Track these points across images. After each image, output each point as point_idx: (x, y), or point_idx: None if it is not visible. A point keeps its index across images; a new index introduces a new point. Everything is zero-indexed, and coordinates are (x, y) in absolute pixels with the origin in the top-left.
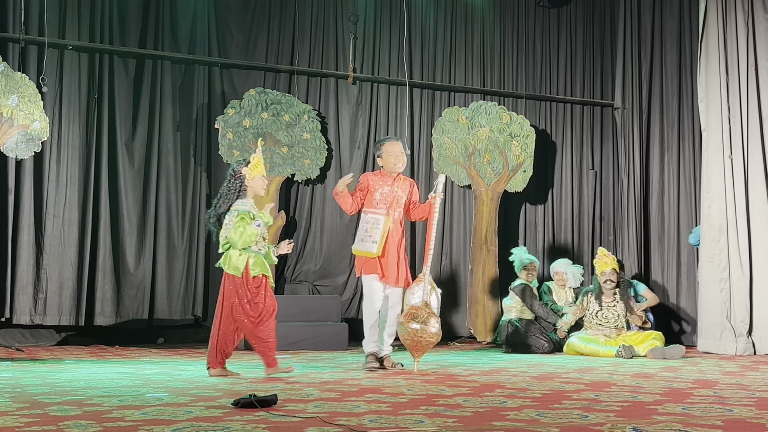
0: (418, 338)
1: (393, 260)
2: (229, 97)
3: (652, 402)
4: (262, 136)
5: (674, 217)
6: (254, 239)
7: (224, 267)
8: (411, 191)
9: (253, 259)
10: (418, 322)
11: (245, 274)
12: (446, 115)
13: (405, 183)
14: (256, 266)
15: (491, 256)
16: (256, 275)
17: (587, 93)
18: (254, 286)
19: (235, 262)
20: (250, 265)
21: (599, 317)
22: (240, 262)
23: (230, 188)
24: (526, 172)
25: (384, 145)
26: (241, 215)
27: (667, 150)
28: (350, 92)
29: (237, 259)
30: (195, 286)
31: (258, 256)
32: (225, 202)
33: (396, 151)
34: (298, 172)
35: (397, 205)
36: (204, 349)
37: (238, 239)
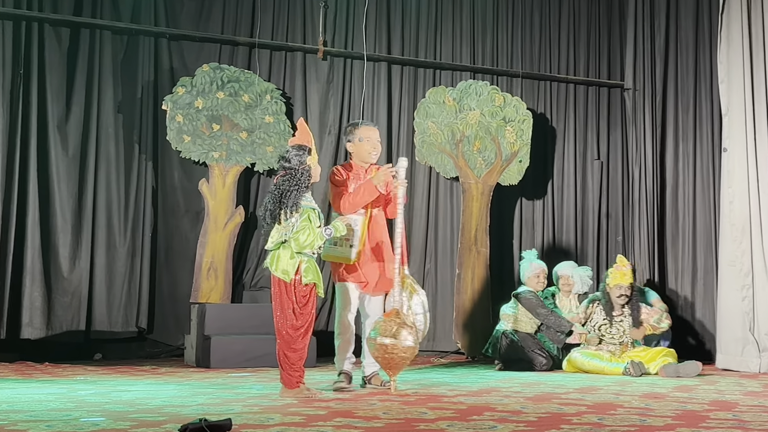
0: (390, 355)
1: (376, 265)
2: (179, 74)
3: (662, 426)
4: (217, 119)
5: (690, 214)
6: (316, 246)
7: (272, 269)
8: (388, 185)
9: (305, 264)
10: (388, 335)
11: (296, 280)
12: (430, 96)
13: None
14: (308, 272)
15: (481, 259)
16: (308, 283)
17: (592, 72)
18: (302, 295)
19: (285, 265)
20: (302, 270)
21: (603, 331)
22: (291, 265)
23: (297, 183)
24: (522, 163)
25: (359, 130)
26: (307, 212)
27: (682, 138)
28: (320, 69)
29: (288, 261)
30: (139, 293)
31: (311, 261)
32: (294, 198)
33: (373, 137)
34: (258, 161)
35: (375, 201)
36: (149, 366)
37: (304, 242)
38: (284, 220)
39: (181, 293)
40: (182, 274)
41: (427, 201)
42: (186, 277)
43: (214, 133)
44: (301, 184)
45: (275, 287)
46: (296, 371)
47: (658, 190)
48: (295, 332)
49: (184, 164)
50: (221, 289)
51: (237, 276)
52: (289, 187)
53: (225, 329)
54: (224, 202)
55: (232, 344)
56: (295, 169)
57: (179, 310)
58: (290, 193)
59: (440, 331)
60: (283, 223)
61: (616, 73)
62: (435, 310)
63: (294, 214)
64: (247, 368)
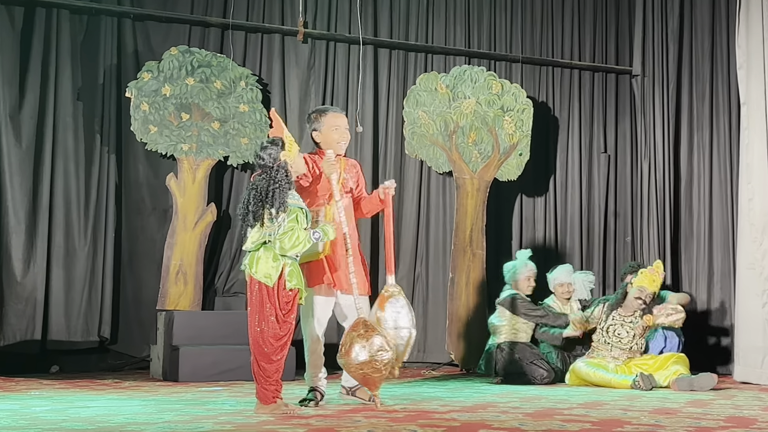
0: (364, 371)
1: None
2: (145, 58)
3: None
4: (187, 108)
5: (706, 212)
6: (302, 250)
7: (252, 272)
8: (359, 176)
9: (289, 267)
10: (357, 351)
11: (278, 284)
12: (421, 83)
13: (348, 165)
14: (292, 277)
15: (477, 262)
16: (292, 288)
17: (599, 56)
18: (285, 301)
19: (267, 268)
20: (286, 274)
21: (610, 333)
22: (274, 269)
23: (276, 181)
24: (521, 156)
25: (326, 117)
26: (295, 212)
27: (697, 128)
28: (300, 53)
29: (270, 264)
30: (101, 299)
31: (295, 265)
32: (280, 197)
33: (341, 125)
34: (232, 154)
35: (344, 192)
36: (112, 380)
37: (292, 244)
38: (268, 220)
39: (146, 299)
40: (148, 278)
41: (418, 198)
42: (152, 282)
43: (183, 123)
44: (282, 182)
45: (254, 292)
46: (272, 385)
47: (671, 186)
48: (276, 342)
49: (150, 157)
50: (191, 295)
51: (208, 280)
52: (268, 186)
53: (195, 339)
54: (194, 199)
55: (202, 355)
56: (270, 166)
57: (144, 317)
58: (273, 191)
59: (432, 341)
60: (267, 223)
61: (625, 57)
62: (426, 318)
63: (281, 213)
64: (219, 382)
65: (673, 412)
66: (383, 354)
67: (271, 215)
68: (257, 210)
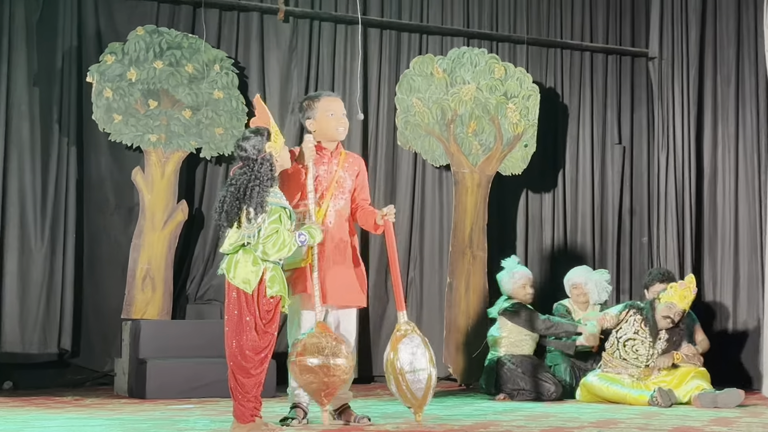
0: (330, 379)
1: (338, 271)
2: (108, 39)
3: None
4: (155, 94)
5: (731, 210)
6: (288, 254)
7: (229, 277)
8: (359, 175)
9: (271, 272)
10: (329, 354)
11: (258, 291)
12: (416, 67)
13: (349, 161)
14: (274, 282)
15: (478, 265)
16: (274, 295)
17: (612, 37)
18: (266, 309)
19: (246, 272)
20: (267, 279)
21: (627, 348)
22: (253, 273)
23: (258, 176)
24: (527, 148)
25: (320, 103)
26: (277, 211)
27: (721, 117)
28: (280, 33)
29: (249, 269)
30: (62, 307)
31: (277, 269)
32: (258, 195)
33: (337, 110)
34: (206, 146)
35: (339, 192)
36: (71, 397)
37: (275, 249)
38: (246, 221)
39: (109, 308)
40: (111, 284)
41: (412, 194)
42: (116, 288)
43: (151, 111)
44: (263, 177)
45: (231, 300)
46: (251, 402)
47: (692, 180)
48: (256, 355)
49: (114, 149)
50: (159, 303)
51: (179, 286)
52: (248, 182)
53: (164, 351)
54: (163, 196)
55: (172, 370)
56: (253, 159)
57: (107, 328)
58: (251, 188)
59: None
60: (245, 224)
61: (641, 38)
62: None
63: (260, 214)
64: (191, 398)
65: (695, 431)
66: (330, 360)
67: (248, 215)
68: (232, 209)
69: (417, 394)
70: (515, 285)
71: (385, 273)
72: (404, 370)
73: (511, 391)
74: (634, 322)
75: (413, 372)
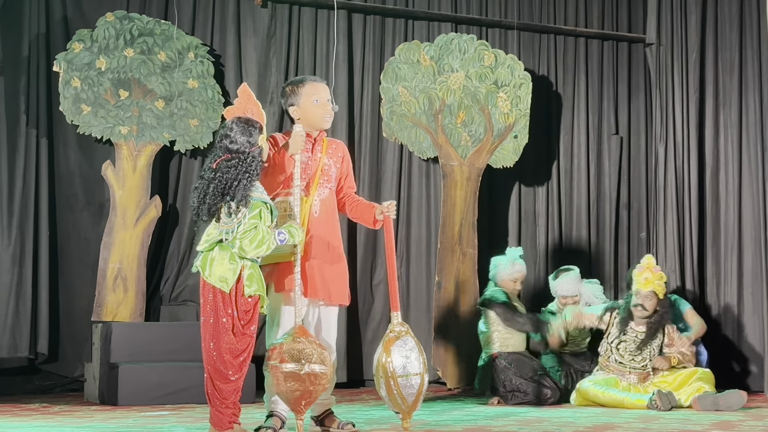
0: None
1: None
2: (76, 26)
3: None
4: (126, 84)
5: (734, 203)
6: (267, 253)
7: (205, 275)
8: (343, 161)
9: (249, 270)
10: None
11: (236, 290)
12: (401, 54)
13: (333, 147)
14: (252, 281)
15: (468, 263)
16: (252, 295)
17: (608, 23)
18: (244, 310)
19: (222, 270)
20: (245, 278)
21: (621, 351)
22: (231, 272)
23: (247, 171)
24: (518, 139)
25: (305, 89)
26: (258, 206)
27: (723, 105)
28: (258, 19)
29: (226, 266)
30: (36, 309)
31: (255, 267)
32: (243, 189)
33: (322, 96)
34: (180, 138)
35: (324, 180)
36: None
37: (254, 246)
38: (226, 215)
39: (79, 309)
40: (82, 284)
41: (398, 189)
42: (86, 289)
43: (122, 101)
44: (252, 172)
45: (208, 300)
46: (229, 408)
47: (694, 172)
48: (234, 359)
49: (82, 142)
50: (132, 304)
51: (152, 287)
52: (237, 175)
53: (137, 355)
54: (135, 192)
55: (145, 374)
56: (243, 152)
57: (77, 331)
58: (237, 182)
59: None
60: (224, 219)
61: (638, 24)
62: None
63: (242, 208)
64: (165, 405)
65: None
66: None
67: (230, 209)
68: (215, 203)
69: (408, 399)
70: (510, 276)
71: (371, 271)
72: (396, 374)
73: (505, 393)
74: (617, 324)
75: (406, 377)
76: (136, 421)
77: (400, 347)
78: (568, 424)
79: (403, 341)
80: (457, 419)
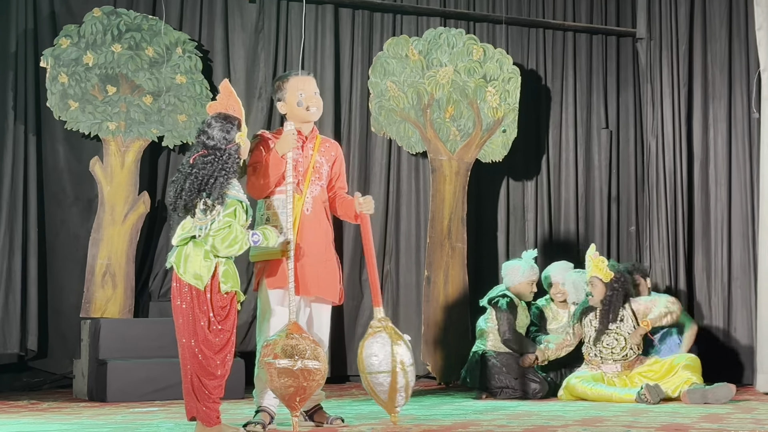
0: (309, 383)
1: (315, 263)
2: (63, 21)
3: None
4: (114, 80)
5: (724, 197)
6: (239, 252)
7: (179, 272)
8: (336, 161)
9: (224, 266)
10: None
11: (211, 287)
12: (390, 49)
13: (326, 146)
14: (228, 277)
15: (457, 257)
16: (228, 291)
17: (597, 17)
18: (220, 306)
19: (197, 266)
20: (220, 274)
21: (600, 346)
22: (205, 268)
23: (224, 168)
24: (507, 133)
25: (290, 83)
26: (233, 205)
27: (712, 99)
28: (246, 14)
29: (201, 263)
30: (25, 304)
31: (230, 263)
32: (220, 186)
33: (308, 89)
34: (168, 134)
35: (315, 177)
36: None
37: (226, 246)
38: (201, 212)
39: (68, 306)
40: (70, 280)
41: (386, 183)
42: (74, 285)
43: (109, 97)
44: (229, 169)
45: (183, 295)
46: (216, 403)
47: (683, 166)
48: (216, 354)
49: (70, 138)
50: (120, 300)
51: (141, 283)
52: (213, 172)
53: (125, 352)
54: (123, 187)
55: (134, 371)
56: (220, 148)
57: (65, 327)
58: (214, 180)
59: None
60: (199, 215)
61: (627, 17)
62: (397, 323)
63: (217, 205)
64: (154, 401)
65: (683, 428)
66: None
67: (205, 205)
68: (191, 198)
69: (381, 396)
70: (527, 279)
71: (360, 267)
72: (368, 371)
73: (495, 389)
74: (589, 321)
75: (375, 374)
76: (124, 417)
77: (371, 344)
78: (557, 418)
79: (374, 338)
80: (447, 413)
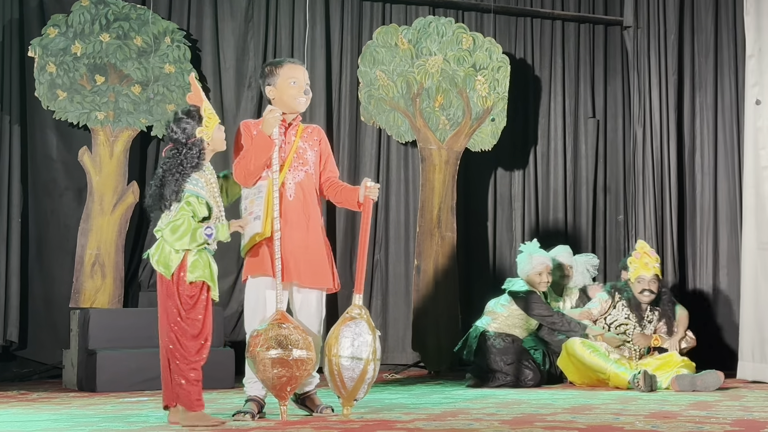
0: (299, 373)
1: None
2: (51, 11)
3: None
4: (102, 69)
5: (710, 185)
6: (192, 246)
7: (153, 261)
8: (321, 143)
9: (193, 256)
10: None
11: (177, 276)
12: (379, 38)
13: (308, 131)
14: (196, 268)
15: (447, 246)
16: (194, 281)
17: (585, 5)
18: (188, 295)
19: (166, 256)
20: (188, 264)
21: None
22: (174, 258)
23: (181, 162)
24: (496, 122)
25: (282, 69)
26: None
27: (699, 87)
28: (235, 3)
29: (170, 253)
30: (7, 296)
31: (202, 254)
32: (176, 182)
33: (300, 78)
34: (157, 124)
35: (298, 163)
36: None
37: (173, 239)
38: (165, 208)
39: (57, 296)
40: (59, 270)
41: (376, 172)
42: (64, 275)
43: (98, 87)
44: (186, 165)
45: (159, 285)
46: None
47: (671, 154)
48: (189, 341)
49: (59, 128)
50: (110, 290)
51: (130, 273)
52: (171, 167)
53: (115, 342)
54: (112, 177)
55: (124, 361)
56: (181, 143)
57: (55, 317)
58: (171, 175)
59: (394, 339)
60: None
61: (615, 6)
62: (387, 313)
63: (173, 203)
64: (143, 391)
65: (672, 415)
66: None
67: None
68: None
69: (347, 383)
70: (532, 271)
71: (350, 255)
72: (340, 354)
73: (487, 371)
74: (622, 307)
75: (350, 358)
76: (114, 407)
77: (351, 328)
78: (546, 405)
79: (355, 323)
80: (436, 402)
